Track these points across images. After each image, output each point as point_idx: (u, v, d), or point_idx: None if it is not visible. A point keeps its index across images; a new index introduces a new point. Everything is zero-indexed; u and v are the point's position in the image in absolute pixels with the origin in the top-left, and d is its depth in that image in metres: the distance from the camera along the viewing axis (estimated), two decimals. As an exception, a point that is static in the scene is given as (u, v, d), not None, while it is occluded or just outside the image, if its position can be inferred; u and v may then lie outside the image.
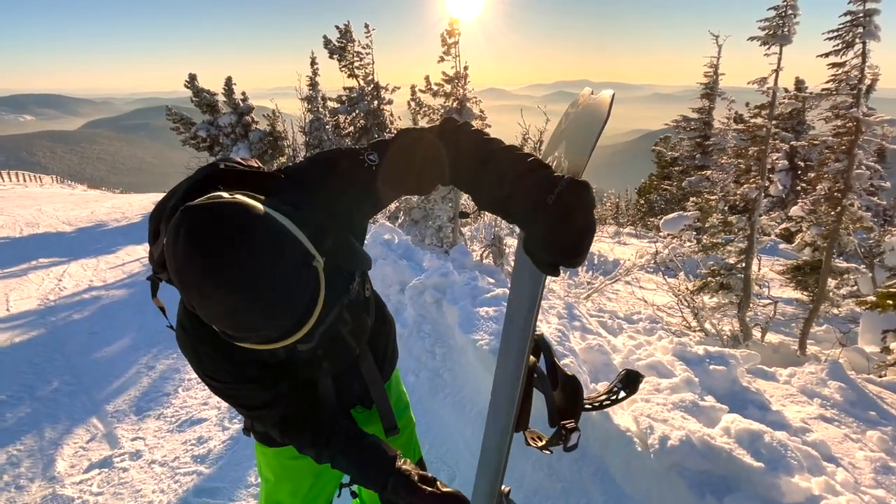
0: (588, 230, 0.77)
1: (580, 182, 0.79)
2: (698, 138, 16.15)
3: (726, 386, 3.47)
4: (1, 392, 3.66)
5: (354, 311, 1.26)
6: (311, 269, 0.88)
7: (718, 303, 7.34)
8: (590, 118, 0.93)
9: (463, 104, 8.57)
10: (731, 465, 2.35)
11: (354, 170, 1.11)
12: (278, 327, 0.85)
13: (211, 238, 0.78)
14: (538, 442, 1.21)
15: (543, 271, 0.82)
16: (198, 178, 1.02)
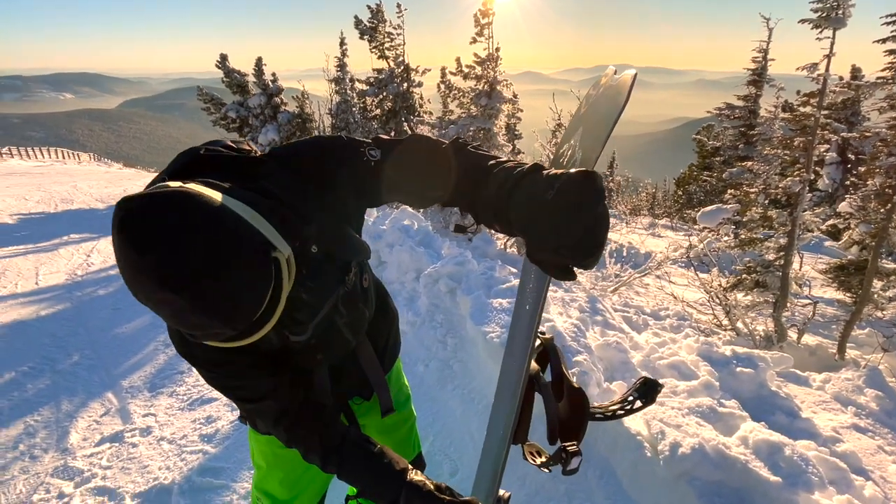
0: (597, 224, 0.70)
1: (582, 172, 0.70)
2: (743, 127, 15.42)
3: (753, 390, 3.31)
4: (24, 363, 3.80)
5: (350, 302, 1.21)
6: (268, 261, 0.81)
7: (753, 301, 7.01)
8: (609, 103, 0.84)
9: (493, 87, 8.38)
10: (746, 477, 2.22)
11: (352, 161, 1.05)
12: (233, 327, 0.78)
13: (146, 233, 0.71)
14: (537, 458, 1.15)
15: (555, 277, 0.74)
16: (175, 168, 0.95)
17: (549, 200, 0.71)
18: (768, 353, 3.68)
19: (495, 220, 0.86)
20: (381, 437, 1.53)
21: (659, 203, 22.79)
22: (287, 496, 1.45)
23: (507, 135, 9.55)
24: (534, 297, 0.97)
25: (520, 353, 1.03)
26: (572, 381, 1.12)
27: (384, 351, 1.48)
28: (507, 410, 1.11)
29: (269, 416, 1.14)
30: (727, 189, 10.72)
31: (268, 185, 0.97)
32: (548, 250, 0.72)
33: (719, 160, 16.56)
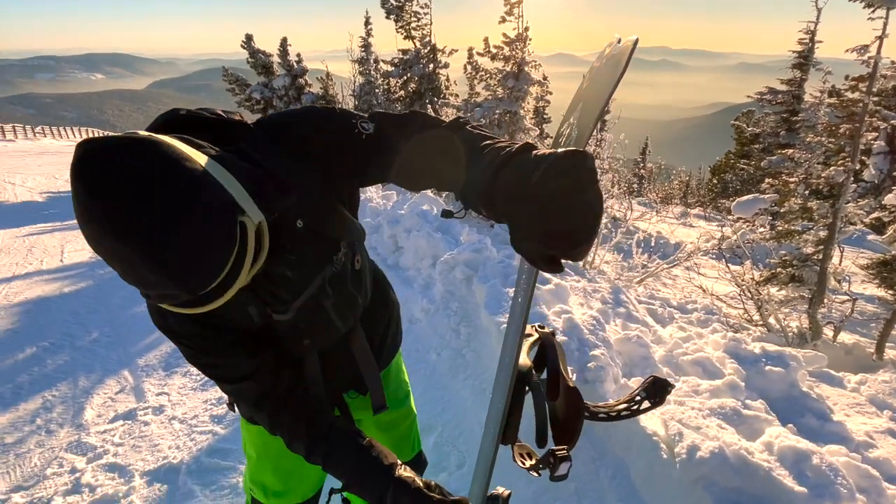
0: (587, 209, 0.63)
1: (571, 151, 0.62)
2: (785, 113, 14.72)
3: (783, 390, 3.15)
4: (45, 339, 3.90)
5: (338, 284, 1.14)
6: (233, 223, 0.74)
7: (787, 296, 6.72)
8: (609, 73, 0.75)
9: (521, 68, 8.15)
10: (769, 485, 2.08)
11: (343, 133, 0.98)
12: (187, 288, 0.72)
13: (101, 176, 0.66)
14: (526, 461, 1.08)
15: (539, 267, 0.67)
16: (151, 128, 0.89)
17: (535, 183, 0.64)
18: (801, 352, 3.49)
19: (481, 204, 0.78)
20: (377, 434, 1.49)
21: (692, 191, 22.14)
22: (280, 487, 1.40)
23: (534, 118, 9.34)
24: (524, 290, 0.90)
25: (510, 348, 0.97)
26: (570, 379, 1.05)
27: (381, 344, 1.42)
28: (497, 409, 1.05)
29: (250, 399, 1.10)
30: (765, 178, 10.28)
31: (247, 149, 0.91)
32: (532, 238, 0.65)
33: (758, 148, 15.90)
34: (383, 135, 0.99)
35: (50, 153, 19.03)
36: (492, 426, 1.08)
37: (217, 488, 2.47)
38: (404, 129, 0.98)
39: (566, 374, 1.06)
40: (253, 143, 0.94)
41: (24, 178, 12.05)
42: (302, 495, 1.44)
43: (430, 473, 2.47)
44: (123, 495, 2.42)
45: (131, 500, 2.39)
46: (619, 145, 8.25)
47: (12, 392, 3.23)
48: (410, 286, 4.27)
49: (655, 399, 1.08)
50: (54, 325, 4.14)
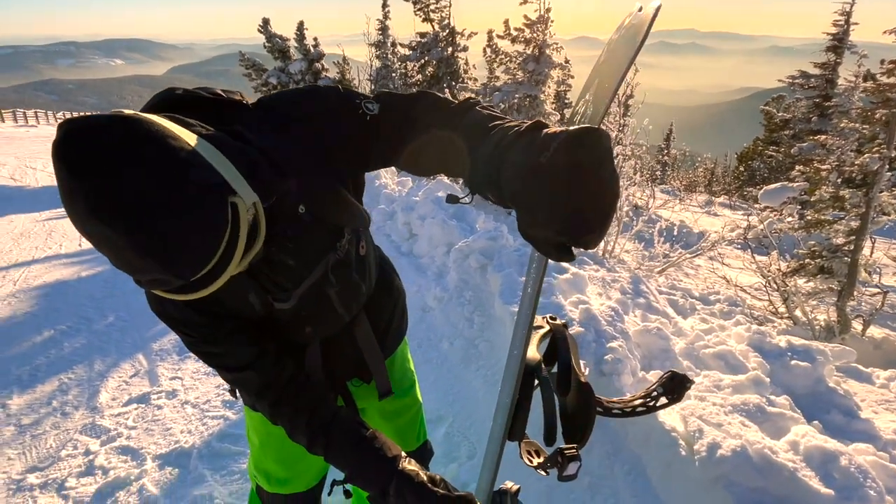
0: (600, 192, 0.58)
1: (584, 128, 0.58)
2: (817, 98, 14.21)
3: (808, 385, 3.04)
4: (62, 322, 3.96)
5: (342, 271, 1.10)
6: (223, 204, 0.70)
7: (815, 288, 6.50)
8: (627, 45, 0.69)
9: (542, 51, 7.96)
10: (793, 487, 1.99)
11: (346, 114, 0.93)
12: (175, 273, 0.69)
13: (83, 154, 0.63)
14: (534, 458, 1.04)
15: (549, 255, 0.64)
16: (145, 108, 0.85)
17: (544, 163, 0.58)
18: (828, 346, 3.36)
19: (488, 188, 0.73)
20: (382, 423, 1.46)
21: (717, 179, 21.62)
22: (284, 475, 1.39)
23: (555, 103, 9.14)
24: (533, 280, 0.86)
25: (518, 340, 0.93)
26: (582, 373, 1.00)
27: (386, 332, 1.37)
28: (504, 404, 1.01)
29: (251, 389, 1.07)
30: (795, 165, 9.93)
31: (244, 130, 0.86)
32: (540, 224, 0.60)
33: (788, 134, 15.40)
34: (388, 117, 0.94)
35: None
36: (499, 420, 1.05)
37: (227, 473, 2.47)
38: (411, 110, 0.93)
39: (578, 368, 1.01)
40: (251, 123, 0.89)
41: (46, 163, 12.22)
42: (305, 483, 1.42)
43: (441, 464, 2.45)
44: (135, 478, 2.44)
45: (143, 484, 2.40)
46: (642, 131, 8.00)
47: (30, 374, 3.27)
48: (424, 274, 4.22)
49: (673, 395, 1.04)
50: (71, 309, 4.20)
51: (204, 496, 2.32)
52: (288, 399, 1.08)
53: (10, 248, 5.96)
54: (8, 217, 7.33)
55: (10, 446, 2.66)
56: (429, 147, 0.90)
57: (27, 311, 4.20)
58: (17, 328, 3.90)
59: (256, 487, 1.46)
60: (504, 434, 1.02)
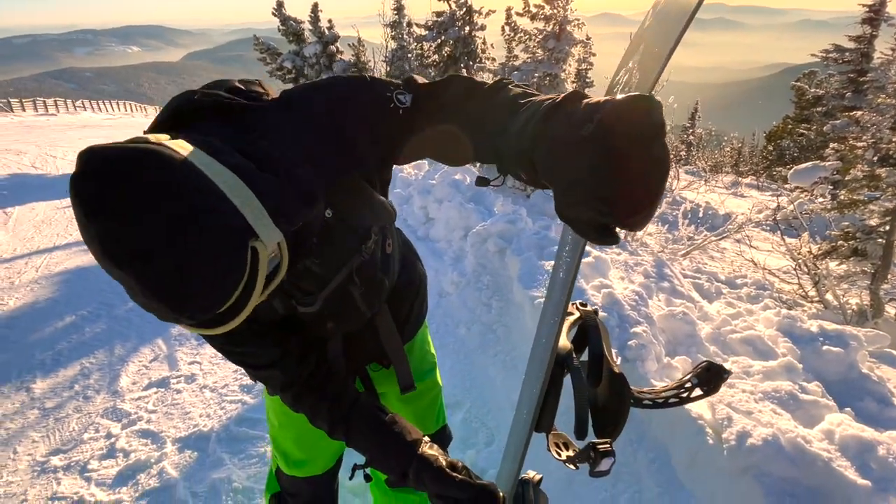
0: (652, 168, 0.52)
1: (635, 97, 0.52)
2: (852, 73, 13.62)
3: (841, 371, 2.93)
4: (83, 308, 4.01)
5: (367, 271, 1.08)
6: (243, 250, 0.67)
7: (847, 271, 6.28)
8: (680, 5, 0.61)
9: (563, 28, 7.73)
10: (828, 477, 1.90)
11: (376, 109, 0.87)
12: (189, 317, 0.66)
13: (97, 195, 0.60)
14: (562, 452, 0.99)
15: (590, 238, 0.57)
16: (163, 117, 0.80)
17: (586, 137, 0.52)
18: (861, 331, 3.23)
19: (520, 167, 0.66)
20: (400, 407, 1.45)
21: (745, 159, 21.03)
22: (302, 456, 1.40)
23: (576, 82, 8.90)
24: (566, 264, 0.79)
25: (548, 328, 0.88)
26: (614, 363, 0.94)
27: (406, 320, 1.35)
28: (531, 393, 0.96)
29: (275, 385, 1.08)
30: (827, 144, 9.57)
31: (270, 146, 0.79)
32: (581, 204, 0.54)
33: (820, 111, 14.84)
34: (421, 108, 0.89)
35: (90, 126, 19.75)
36: (524, 410, 1.01)
37: (245, 457, 2.48)
38: (443, 99, 0.88)
39: (610, 358, 0.95)
40: (275, 129, 0.83)
41: (66, 152, 12.41)
42: (323, 465, 1.44)
43: (458, 450, 2.41)
44: (156, 461, 2.46)
45: (163, 466, 2.42)
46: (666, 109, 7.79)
47: (52, 359, 3.33)
48: (441, 258, 4.17)
49: (708, 386, 0.97)
50: (92, 295, 4.25)
51: (222, 479, 2.33)
52: (310, 390, 1.08)
53: (31, 236, 6.07)
54: (30, 205, 7.46)
55: (34, 429, 2.71)
56: (460, 135, 0.85)
57: (49, 297, 4.27)
58: (39, 314, 3.97)
59: (276, 469, 1.48)
60: (531, 425, 0.98)
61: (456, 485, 0.98)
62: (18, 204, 7.42)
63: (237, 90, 0.87)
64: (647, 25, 0.79)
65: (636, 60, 0.73)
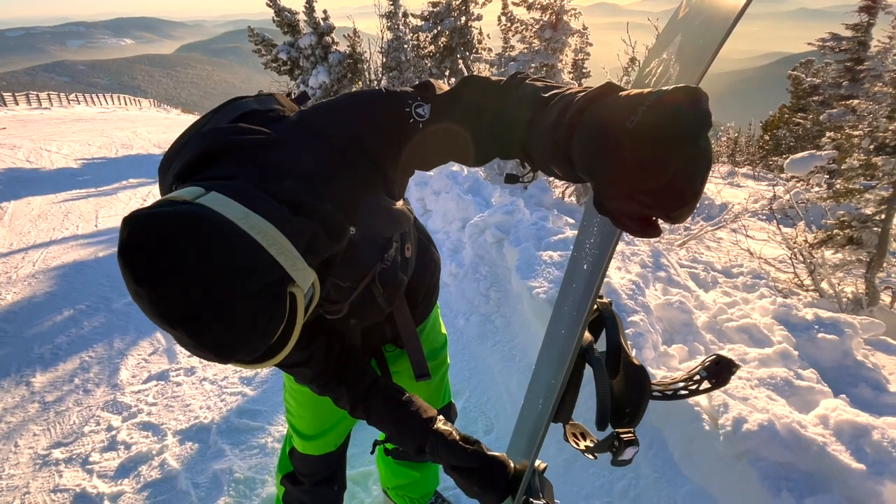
0: (697, 160, 0.51)
1: (684, 90, 0.51)
2: (849, 62, 13.57)
3: (836, 359, 2.96)
4: (81, 302, 4.01)
5: (389, 276, 1.14)
6: (282, 299, 0.72)
7: (843, 260, 6.31)
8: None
9: (559, 17, 7.68)
10: (823, 462, 1.93)
11: (396, 127, 0.87)
12: (235, 362, 0.73)
13: (145, 264, 0.64)
14: (580, 442, 1.02)
15: (632, 231, 0.57)
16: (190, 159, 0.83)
17: (631, 129, 0.52)
18: (856, 319, 3.25)
19: (553, 161, 0.67)
20: (413, 385, 1.51)
21: (741, 149, 21.01)
22: (316, 430, 1.48)
23: (573, 72, 8.85)
24: (596, 257, 0.80)
25: (571, 320, 0.89)
26: (631, 355, 0.96)
27: (420, 302, 1.42)
28: (549, 384, 0.99)
29: (304, 378, 1.17)
30: (823, 133, 9.57)
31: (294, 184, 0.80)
32: (625, 197, 0.54)
33: (817, 100, 14.82)
34: (440, 119, 0.88)
35: (84, 120, 19.59)
36: (538, 400, 1.04)
37: (246, 448, 2.49)
38: (461, 104, 0.88)
39: (627, 349, 0.97)
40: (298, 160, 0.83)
41: (60, 145, 12.36)
42: (334, 442, 1.53)
43: (458, 439, 2.43)
44: (157, 453, 2.47)
45: (164, 458, 2.43)
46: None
47: (51, 353, 3.33)
48: (439, 250, 4.16)
49: (717, 379, 0.98)
50: (90, 288, 4.25)
51: (224, 470, 2.34)
52: (334, 377, 1.16)
53: (28, 230, 6.04)
54: (25, 199, 7.42)
55: (35, 422, 2.71)
56: (482, 136, 0.85)
57: (47, 292, 4.26)
58: (37, 308, 3.97)
59: (290, 450, 1.55)
60: (549, 415, 0.99)
61: (469, 456, 1.07)
62: (14, 199, 7.38)
63: (256, 113, 0.90)
64: (682, 16, 0.78)
65: (672, 52, 0.73)
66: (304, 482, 1.55)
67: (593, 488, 2.18)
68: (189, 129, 0.92)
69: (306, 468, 1.53)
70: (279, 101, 0.96)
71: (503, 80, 0.85)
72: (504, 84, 0.83)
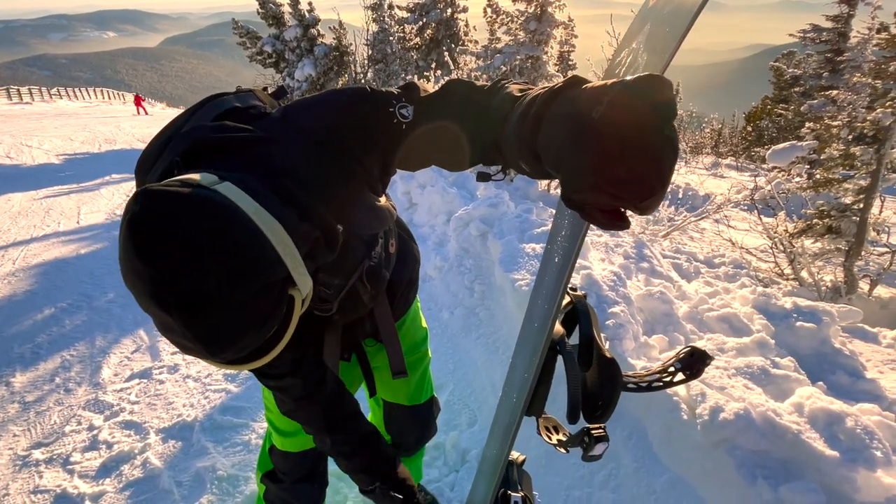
0: (664, 150, 0.51)
1: (648, 78, 0.50)
2: (829, 53, 13.74)
3: (813, 346, 3.01)
4: (62, 300, 3.95)
5: (375, 275, 1.17)
6: (282, 299, 0.72)
7: (822, 248, 6.41)
8: None
9: (544, 9, 7.66)
10: (797, 449, 1.96)
11: (380, 126, 0.87)
12: (220, 359, 0.71)
13: (154, 240, 0.62)
14: (552, 435, 1.03)
15: (601, 225, 0.56)
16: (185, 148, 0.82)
17: (596, 120, 0.51)
18: (834, 307, 3.31)
19: (520, 156, 0.66)
20: (392, 381, 1.54)
21: (725, 140, 21.20)
22: (292, 429, 1.46)
23: (559, 64, 8.86)
24: (566, 249, 0.80)
25: (542, 312, 0.89)
26: (604, 348, 0.97)
27: (399, 297, 1.43)
28: (522, 377, 0.99)
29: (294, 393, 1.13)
30: (805, 123, 9.68)
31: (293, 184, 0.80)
32: (592, 189, 0.53)
33: (798, 91, 15.00)
34: (423, 121, 0.89)
35: (66, 114, 19.27)
36: (513, 394, 1.03)
37: (230, 445, 2.49)
38: (444, 108, 0.87)
39: (600, 341, 0.98)
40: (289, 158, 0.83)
41: (41, 141, 12.19)
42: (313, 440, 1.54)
43: (442, 431, 2.44)
44: (139, 451, 2.46)
45: (147, 457, 2.42)
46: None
47: (31, 352, 3.28)
48: (424, 243, 4.18)
49: (691, 371, 1.00)
50: (71, 286, 4.19)
51: (207, 468, 2.33)
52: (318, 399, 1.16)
53: (8, 227, 5.93)
54: (5, 196, 7.28)
55: (14, 423, 2.68)
56: (462, 140, 0.85)
57: (27, 290, 4.20)
58: (17, 306, 3.91)
59: (270, 448, 1.55)
60: (522, 408, 1.00)
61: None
62: (-7, 195, 7.26)
63: (237, 111, 0.88)
64: (652, 4, 0.78)
65: (641, 41, 0.73)
66: (283, 479, 1.54)
67: (574, 479, 2.21)
68: (167, 129, 0.90)
69: (286, 465, 1.52)
70: (258, 97, 0.95)
71: (486, 85, 0.85)
72: (487, 88, 0.83)
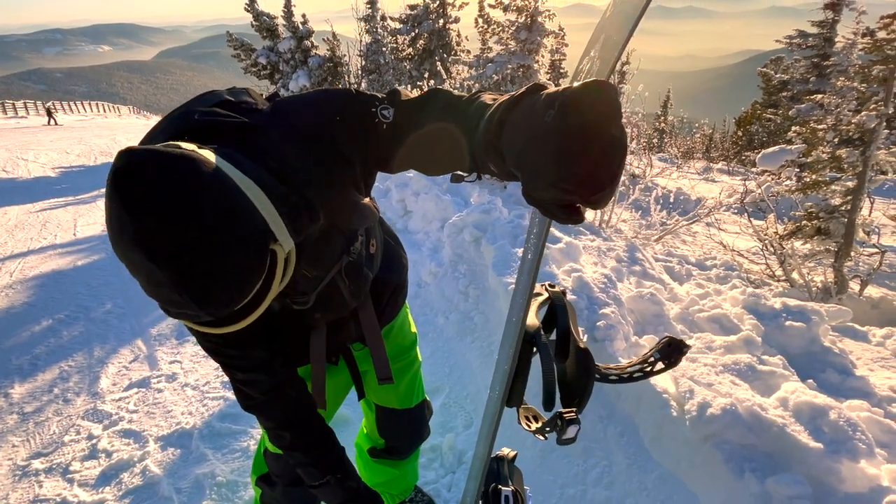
0: (610, 148, 0.55)
1: (591, 82, 0.56)
2: (816, 58, 13.95)
3: (803, 345, 3.05)
4: (60, 311, 3.99)
5: (354, 270, 1.18)
6: (265, 252, 0.73)
7: (812, 250, 6.48)
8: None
9: (534, 19, 7.79)
10: (783, 442, 2.01)
11: (361, 124, 0.92)
12: (208, 312, 0.73)
13: (141, 192, 0.65)
14: (532, 424, 1.06)
15: (558, 218, 0.61)
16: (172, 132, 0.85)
17: (550, 122, 0.56)
18: (824, 307, 3.36)
19: (489, 160, 0.71)
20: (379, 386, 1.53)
21: (715, 145, 21.40)
22: None
23: (550, 73, 8.98)
24: (535, 245, 0.85)
25: (518, 307, 0.93)
26: (580, 339, 1.02)
27: (386, 304, 1.44)
28: (503, 370, 1.02)
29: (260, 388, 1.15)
30: (793, 128, 9.82)
31: (278, 167, 0.85)
32: (548, 186, 0.57)
33: (787, 96, 15.18)
34: (403, 123, 0.93)
35: (62, 128, 19.29)
36: (497, 389, 1.07)
37: (228, 451, 2.51)
38: (424, 113, 0.91)
39: (577, 335, 1.02)
40: (273, 147, 0.88)
41: (37, 154, 12.27)
42: None
43: (438, 434, 2.48)
44: (138, 460, 2.48)
45: (146, 465, 2.44)
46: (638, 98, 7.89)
47: (30, 363, 3.31)
48: (419, 250, 4.23)
49: (670, 360, 1.05)
50: (69, 298, 4.23)
51: (206, 474, 2.36)
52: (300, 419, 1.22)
53: (4, 240, 5.97)
54: (2, 209, 7.33)
55: (14, 434, 2.70)
56: (439, 145, 0.88)
57: (25, 302, 4.23)
58: (15, 319, 3.93)
59: (264, 451, 1.56)
60: (502, 400, 1.04)
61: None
62: (-10, 209, 7.30)
63: (229, 103, 0.92)
64: (608, 16, 0.84)
65: (597, 49, 0.78)
66: (277, 482, 1.55)
67: (568, 476, 2.24)
68: (162, 121, 0.93)
69: (279, 468, 1.53)
70: (251, 94, 0.99)
71: (465, 95, 0.89)
72: (465, 98, 0.87)
